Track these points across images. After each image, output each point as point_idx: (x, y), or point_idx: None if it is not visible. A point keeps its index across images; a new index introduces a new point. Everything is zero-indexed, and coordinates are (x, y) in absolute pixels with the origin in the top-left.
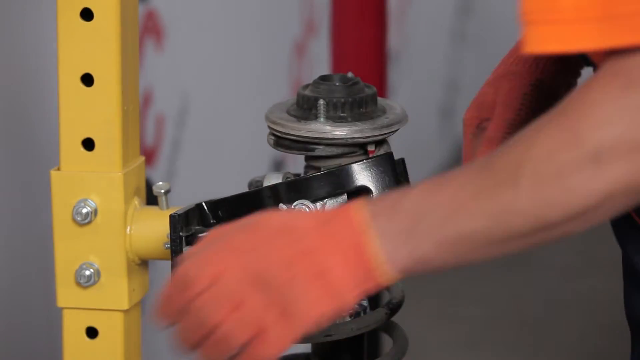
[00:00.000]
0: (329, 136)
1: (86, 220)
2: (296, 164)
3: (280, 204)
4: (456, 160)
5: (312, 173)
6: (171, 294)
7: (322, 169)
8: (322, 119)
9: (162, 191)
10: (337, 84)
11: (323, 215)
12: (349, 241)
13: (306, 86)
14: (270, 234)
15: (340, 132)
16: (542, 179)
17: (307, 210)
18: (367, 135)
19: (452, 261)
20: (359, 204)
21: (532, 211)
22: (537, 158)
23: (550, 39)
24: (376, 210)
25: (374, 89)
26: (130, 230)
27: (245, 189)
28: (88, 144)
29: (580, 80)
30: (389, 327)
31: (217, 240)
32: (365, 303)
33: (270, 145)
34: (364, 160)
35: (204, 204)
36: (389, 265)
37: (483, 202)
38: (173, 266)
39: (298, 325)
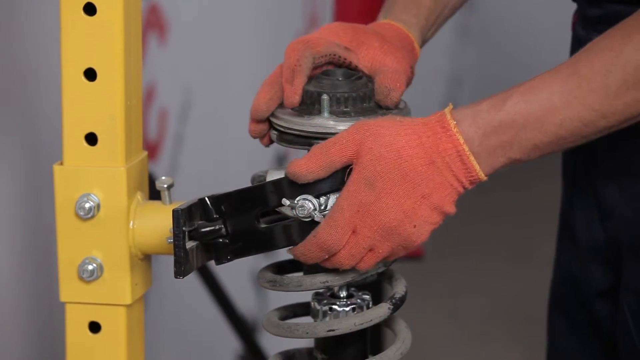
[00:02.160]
0: (332, 131)
1: (89, 215)
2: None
3: (283, 199)
4: None
5: None
6: (312, 252)
7: None
8: (325, 114)
9: (165, 186)
10: (340, 78)
11: (430, 149)
12: (457, 172)
13: (309, 81)
14: (390, 186)
15: (344, 126)
16: (629, 85)
17: (310, 205)
18: None
19: (538, 158)
20: (459, 129)
21: (619, 112)
22: (624, 66)
23: None
24: (475, 136)
25: None
26: (133, 225)
27: (248, 184)
28: (91, 139)
29: None
30: (391, 322)
31: (347, 202)
32: (368, 298)
33: (273, 140)
34: None
35: (206, 198)
36: (488, 173)
37: (576, 109)
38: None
39: (410, 250)
